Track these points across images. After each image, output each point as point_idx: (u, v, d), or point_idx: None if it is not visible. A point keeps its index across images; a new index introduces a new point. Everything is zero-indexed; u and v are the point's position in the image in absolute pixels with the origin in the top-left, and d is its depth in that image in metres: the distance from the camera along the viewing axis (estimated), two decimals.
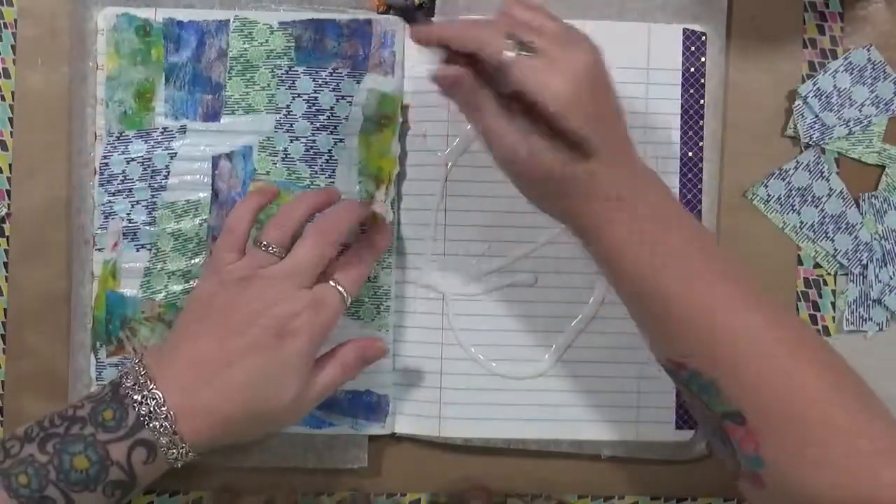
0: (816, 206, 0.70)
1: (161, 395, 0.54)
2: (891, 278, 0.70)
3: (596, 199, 0.53)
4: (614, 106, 0.55)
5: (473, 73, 0.53)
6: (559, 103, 0.51)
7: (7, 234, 0.68)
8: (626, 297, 0.56)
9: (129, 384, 0.55)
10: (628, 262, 0.54)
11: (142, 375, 0.55)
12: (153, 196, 0.67)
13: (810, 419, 0.50)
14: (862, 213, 0.70)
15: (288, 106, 0.67)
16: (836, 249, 0.70)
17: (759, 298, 0.54)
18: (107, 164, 0.67)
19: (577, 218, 0.55)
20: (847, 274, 0.70)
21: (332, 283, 0.58)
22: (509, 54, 0.51)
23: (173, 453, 0.54)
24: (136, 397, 0.54)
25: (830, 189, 0.70)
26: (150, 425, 0.53)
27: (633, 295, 0.55)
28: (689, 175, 0.68)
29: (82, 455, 0.53)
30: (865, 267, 0.70)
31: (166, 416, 0.54)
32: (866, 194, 0.70)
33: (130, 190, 0.67)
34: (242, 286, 0.57)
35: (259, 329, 0.55)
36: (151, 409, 0.54)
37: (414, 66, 0.67)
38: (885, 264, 0.70)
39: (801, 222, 0.70)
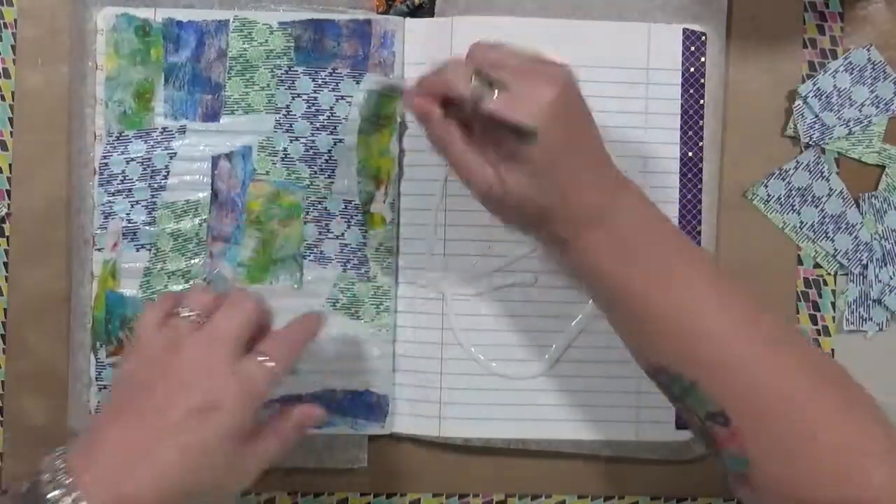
0: (816, 206, 0.70)
1: (79, 490, 0.48)
2: (891, 278, 0.70)
3: (572, 221, 0.54)
4: (587, 128, 0.55)
5: (445, 111, 0.54)
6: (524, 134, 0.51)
7: (7, 234, 0.68)
8: (606, 305, 0.56)
9: (45, 479, 0.49)
10: (606, 273, 0.54)
11: (60, 470, 0.49)
12: (153, 196, 0.67)
13: (793, 417, 0.50)
14: (862, 213, 0.70)
15: (287, 106, 0.67)
16: (836, 249, 0.70)
17: (737, 298, 0.53)
18: (106, 164, 0.67)
19: (557, 241, 0.55)
20: (847, 274, 0.70)
21: (260, 358, 0.53)
22: (475, 91, 0.52)
23: None
24: (49, 495, 0.48)
25: (830, 189, 0.70)
26: None
27: (612, 302, 0.55)
28: (690, 175, 0.68)
29: None
30: (865, 267, 0.70)
31: None
32: (866, 194, 0.70)
33: (130, 190, 0.67)
34: (162, 361, 0.52)
35: (180, 408, 0.50)
36: (66, 496, 0.47)
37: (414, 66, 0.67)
38: (885, 264, 0.70)
39: (801, 222, 0.70)
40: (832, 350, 0.70)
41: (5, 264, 0.68)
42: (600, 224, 0.53)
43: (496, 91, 0.52)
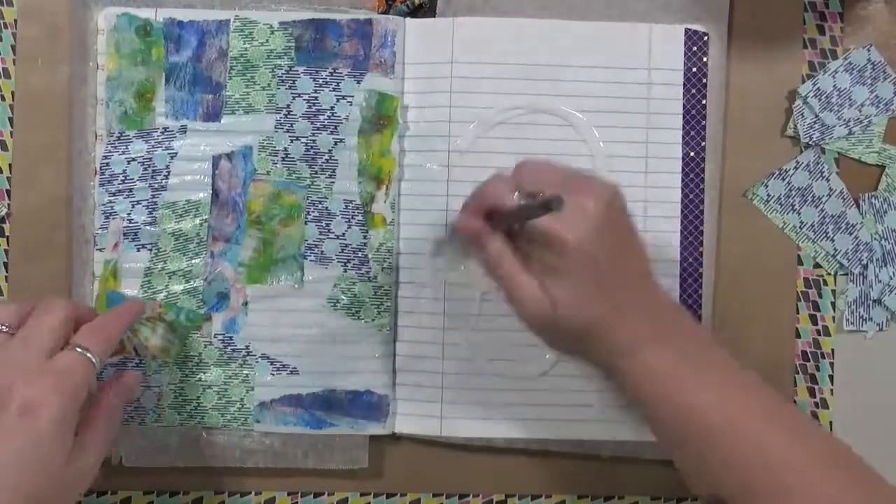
0: (816, 207, 0.70)
1: None
2: (891, 278, 0.70)
3: (627, 340, 0.54)
4: (633, 242, 0.56)
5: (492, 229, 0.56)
6: (569, 247, 0.53)
7: (7, 234, 0.68)
8: (665, 432, 0.56)
9: None
10: (668, 398, 0.54)
11: None
12: (154, 196, 0.67)
13: None
14: (862, 214, 0.70)
15: (288, 106, 0.67)
16: (836, 249, 0.70)
17: (796, 422, 0.54)
18: (107, 164, 0.67)
19: (611, 363, 0.55)
20: (847, 274, 0.70)
21: (78, 349, 0.54)
22: (516, 199, 0.54)
23: None
24: None
25: (830, 189, 0.70)
26: None
27: (674, 429, 0.55)
28: (691, 175, 0.68)
29: None
30: (865, 267, 0.70)
31: None
32: (866, 195, 0.70)
33: (131, 190, 0.67)
34: None
35: (4, 415, 0.51)
36: None
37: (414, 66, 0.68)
38: (885, 264, 0.70)
39: (801, 222, 0.70)
40: (832, 350, 0.70)
41: (5, 264, 0.68)
42: (661, 345, 0.54)
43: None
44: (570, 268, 0.53)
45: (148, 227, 0.66)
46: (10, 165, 0.68)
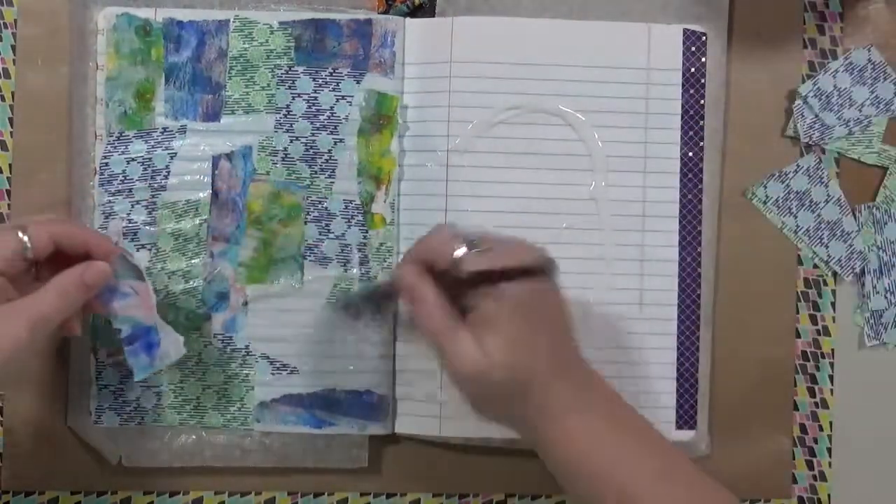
0: (813, 212, 0.70)
1: None
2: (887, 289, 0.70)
3: (552, 403, 0.54)
4: (562, 306, 0.57)
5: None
6: (506, 293, 0.53)
7: None
8: (580, 495, 0.55)
9: None
10: (581, 462, 0.54)
11: None
12: (153, 196, 0.67)
13: None
14: (858, 223, 0.70)
15: (288, 106, 0.67)
16: (829, 256, 0.70)
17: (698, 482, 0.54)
18: (107, 164, 0.67)
19: (534, 427, 0.55)
20: (861, 287, 0.70)
21: (19, 230, 0.57)
22: (461, 251, 0.54)
23: None
24: None
25: (828, 195, 0.70)
26: None
27: (589, 493, 0.54)
28: (690, 175, 0.68)
29: None
30: (860, 275, 0.70)
31: None
32: (864, 205, 0.70)
33: (130, 190, 0.67)
34: None
35: None
36: None
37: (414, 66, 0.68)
38: (883, 274, 0.70)
39: (798, 226, 0.70)
40: (832, 350, 0.70)
41: None
42: (584, 412, 0.54)
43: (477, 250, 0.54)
44: (507, 318, 0.53)
45: (147, 227, 0.66)
46: (10, 165, 0.68)
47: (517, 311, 0.54)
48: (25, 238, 0.56)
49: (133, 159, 0.67)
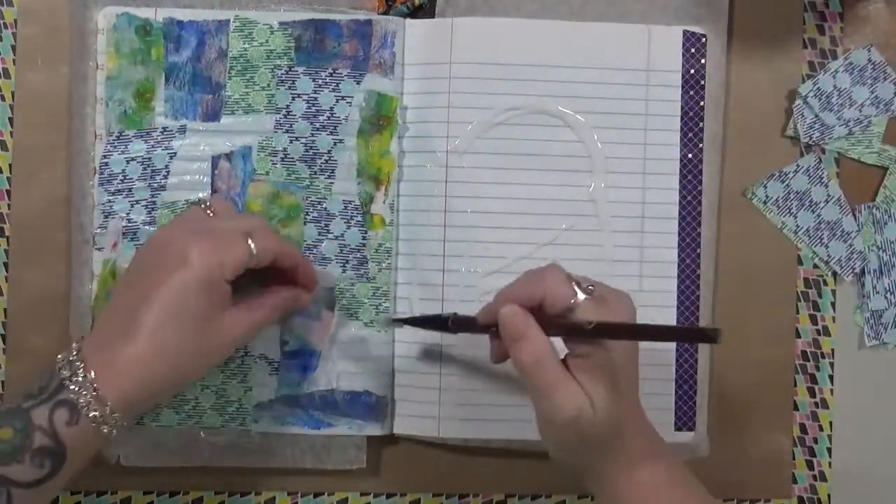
0: (813, 212, 0.70)
1: (81, 353, 0.55)
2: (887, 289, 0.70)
3: (633, 452, 0.56)
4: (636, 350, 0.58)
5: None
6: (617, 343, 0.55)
7: (7, 234, 0.68)
8: None
9: (60, 356, 0.56)
10: None
11: (74, 347, 0.56)
12: (153, 196, 0.67)
13: None
14: (858, 223, 0.70)
15: (288, 106, 0.67)
16: (829, 256, 0.70)
17: None
18: (106, 164, 0.67)
19: (610, 475, 0.56)
20: (861, 287, 0.70)
21: (249, 239, 0.58)
22: (580, 297, 0.54)
23: (97, 413, 0.53)
24: (59, 357, 0.55)
25: (828, 195, 0.70)
26: (71, 385, 0.53)
27: None
28: (689, 177, 0.68)
29: (8, 426, 0.53)
30: (860, 275, 0.70)
31: (84, 374, 0.54)
32: (865, 205, 0.70)
33: (130, 189, 0.67)
34: (156, 239, 0.60)
35: (159, 270, 0.56)
36: (73, 369, 0.54)
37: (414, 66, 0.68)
38: (883, 275, 0.70)
39: (798, 226, 0.70)
40: (832, 350, 0.70)
41: (5, 264, 0.68)
42: (653, 462, 0.56)
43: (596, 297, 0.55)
44: (618, 370, 0.54)
45: (147, 227, 0.66)
46: (10, 165, 0.68)
47: (627, 364, 0.55)
48: (253, 249, 0.58)
49: (133, 159, 0.67)
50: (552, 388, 0.54)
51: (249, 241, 0.58)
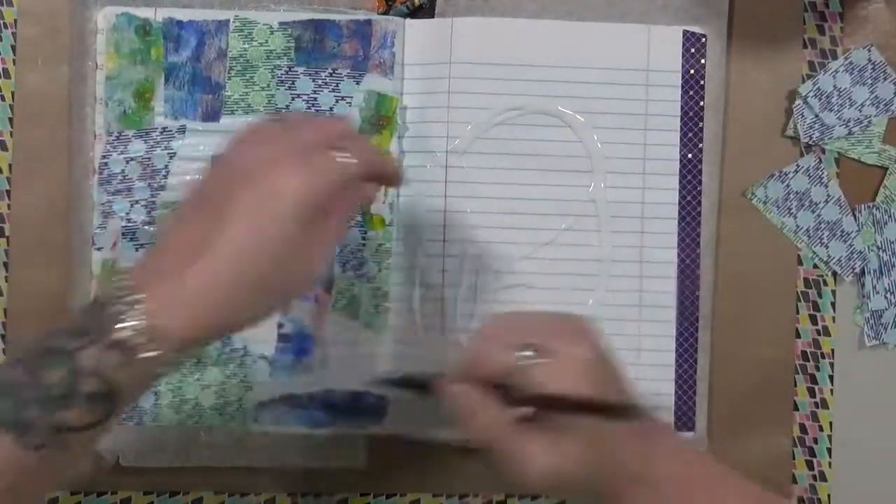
0: (813, 212, 0.70)
1: (135, 285, 0.47)
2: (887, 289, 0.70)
3: (614, 479, 0.52)
4: (619, 374, 0.54)
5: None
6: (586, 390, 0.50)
7: (7, 234, 0.68)
8: None
9: (104, 292, 0.49)
10: None
11: (125, 279, 0.48)
12: (152, 196, 0.67)
13: None
14: (858, 223, 0.70)
15: (287, 106, 0.67)
16: (829, 256, 0.70)
17: None
18: (106, 164, 0.67)
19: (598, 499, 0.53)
20: (861, 287, 0.70)
21: (337, 155, 0.51)
22: (528, 362, 0.51)
23: (153, 354, 0.46)
24: (110, 293, 0.47)
25: (828, 195, 0.70)
26: (124, 323, 0.46)
27: None
28: (689, 177, 0.68)
29: (54, 368, 0.46)
30: (860, 275, 0.70)
31: (141, 309, 0.46)
32: (864, 205, 0.70)
33: (130, 189, 0.67)
34: (230, 162, 0.51)
35: (239, 199, 0.49)
36: (126, 303, 0.46)
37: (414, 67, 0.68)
38: (883, 275, 0.70)
39: (798, 226, 0.70)
40: (832, 350, 0.70)
41: (5, 264, 0.68)
42: (642, 482, 0.51)
43: (537, 361, 0.50)
44: (573, 422, 0.50)
45: (146, 227, 0.67)
46: (9, 165, 0.68)
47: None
48: (347, 167, 0.51)
49: (132, 159, 0.67)
50: (512, 457, 0.51)
51: (340, 157, 0.51)
